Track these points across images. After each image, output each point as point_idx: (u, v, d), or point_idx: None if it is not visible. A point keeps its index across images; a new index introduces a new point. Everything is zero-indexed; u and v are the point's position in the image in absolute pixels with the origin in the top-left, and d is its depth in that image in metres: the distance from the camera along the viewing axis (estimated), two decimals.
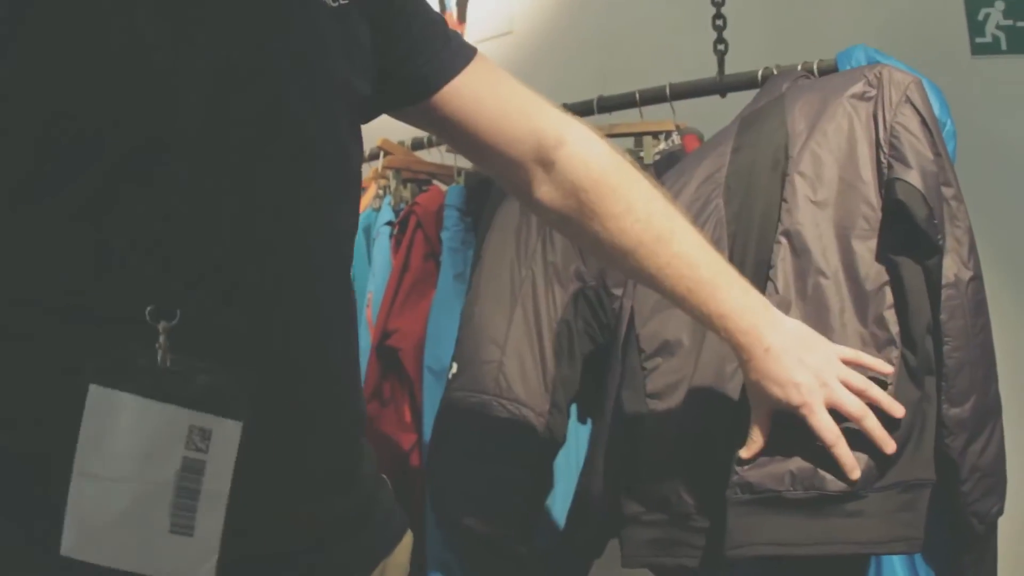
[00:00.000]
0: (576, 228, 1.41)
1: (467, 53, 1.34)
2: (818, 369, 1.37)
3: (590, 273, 2.10)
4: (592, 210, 1.36)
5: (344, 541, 1.17)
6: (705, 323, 1.41)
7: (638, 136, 2.22)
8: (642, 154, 2.15)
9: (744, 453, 1.44)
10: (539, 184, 1.38)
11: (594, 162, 1.37)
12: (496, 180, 1.63)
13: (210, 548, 0.99)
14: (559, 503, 2.16)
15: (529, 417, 2.02)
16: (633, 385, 1.73)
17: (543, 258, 2.12)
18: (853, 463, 1.39)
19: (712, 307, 1.38)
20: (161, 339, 0.96)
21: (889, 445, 1.39)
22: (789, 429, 1.43)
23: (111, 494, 0.95)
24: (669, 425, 1.65)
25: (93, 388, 0.93)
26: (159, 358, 0.96)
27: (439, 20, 1.35)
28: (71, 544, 0.94)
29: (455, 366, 2.14)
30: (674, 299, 1.41)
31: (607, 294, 2.07)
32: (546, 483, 2.10)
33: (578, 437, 2.23)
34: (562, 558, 2.00)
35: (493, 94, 1.34)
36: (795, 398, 1.36)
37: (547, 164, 1.36)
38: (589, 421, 2.16)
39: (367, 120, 1.25)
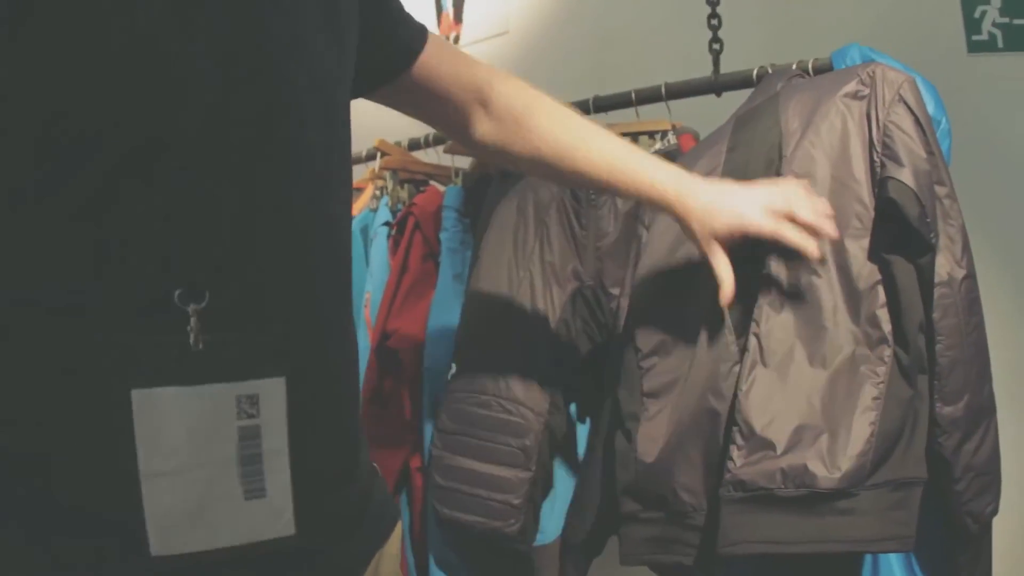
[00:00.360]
0: (517, 150, 1.59)
1: (419, 23, 1.50)
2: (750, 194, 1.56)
3: (587, 273, 2.12)
4: (528, 127, 1.57)
5: (351, 534, 1.19)
6: (644, 195, 1.58)
7: (634, 136, 2.22)
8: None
9: (725, 299, 1.52)
10: (481, 121, 1.58)
11: (521, 92, 1.59)
12: (441, 128, 1.82)
13: (285, 501, 1.04)
14: (559, 502, 2.17)
15: (528, 417, 2.04)
16: (629, 384, 1.75)
17: (540, 259, 2.13)
18: (811, 246, 1.51)
19: (647, 177, 1.56)
20: (192, 321, 0.97)
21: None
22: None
23: (182, 486, 0.97)
24: (665, 424, 1.66)
25: (135, 393, 0.94)
26: (192, 341, 0.97)
27: None
28: (160, 544, 0.96)
29: (454, 367, 2.15)
30: (611, 184, 1.58)
31: (604, 293, 2.08)
32: (546, 482, 2.12)
33: (578, 437, 2.23)
34: (563, 556, 2.00)
35: (446, 53, 1.54)
36: (748, 217, 1.53)
37: (486, 103, 1.57)
38: (588, 420, 2.17)
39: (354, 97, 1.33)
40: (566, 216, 2.15)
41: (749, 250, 1.57)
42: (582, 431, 2.21)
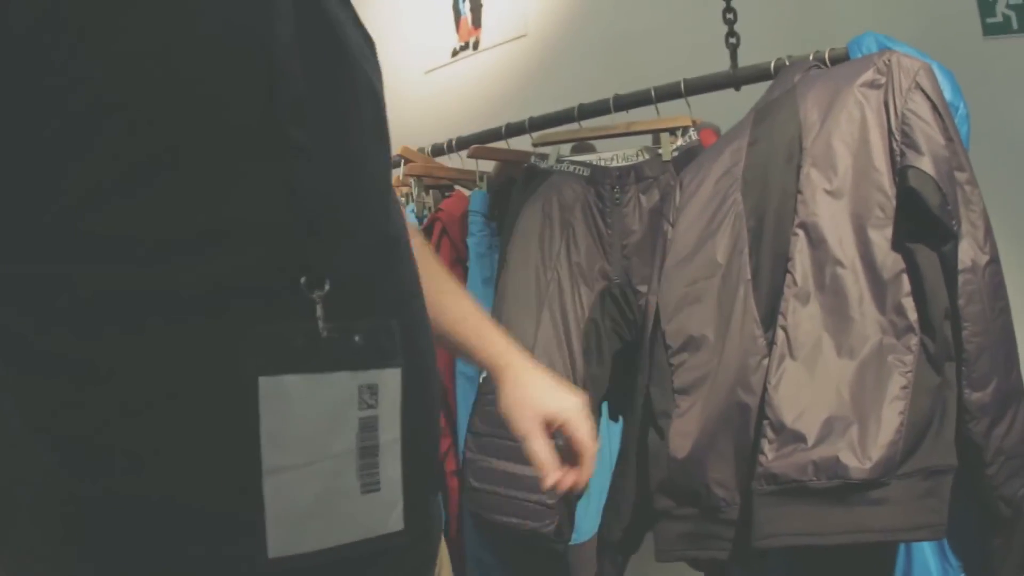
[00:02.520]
0: None
1: None
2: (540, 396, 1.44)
3: (615, 271, 2.14)
4: None
5: (437, 530, 1.19)
6: (476, 356, 1.48)
7: (655, 133, 2.24)
8: (660, 151, 2.17)
9: (547, 484, 1.38)
10: None
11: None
12: None
13: (396, 495, 1.01)
14: (594, 501, 2.18)
15: None
16: (661, 381, 1.77)
17: (568, 260, 2.15)
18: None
19: (484, 342, 1.47)
20: (319, 308, 0.95)
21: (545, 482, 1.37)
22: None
23: (303, 481, 0.93)
24: (696, 419, 1.67)
25: (262, 381, 0.90)
26: (320, 328, 0.94)
27: None
28: (279, 544, 0.91)
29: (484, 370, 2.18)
30: (449, 340, 1.46)
31: (632, 291, 2.10)
32: None
33: (610, 435, 2.24)
34: (600, 553, 2.02)
35: None
36: (566, 406, 1.41)
37: None
38: (621, 419, 2.18)
39: None
40: (591, 216, 2.17)
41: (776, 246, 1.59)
42: (616, 429, 2.22)
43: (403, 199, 2.71)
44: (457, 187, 2.77)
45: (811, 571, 1.68)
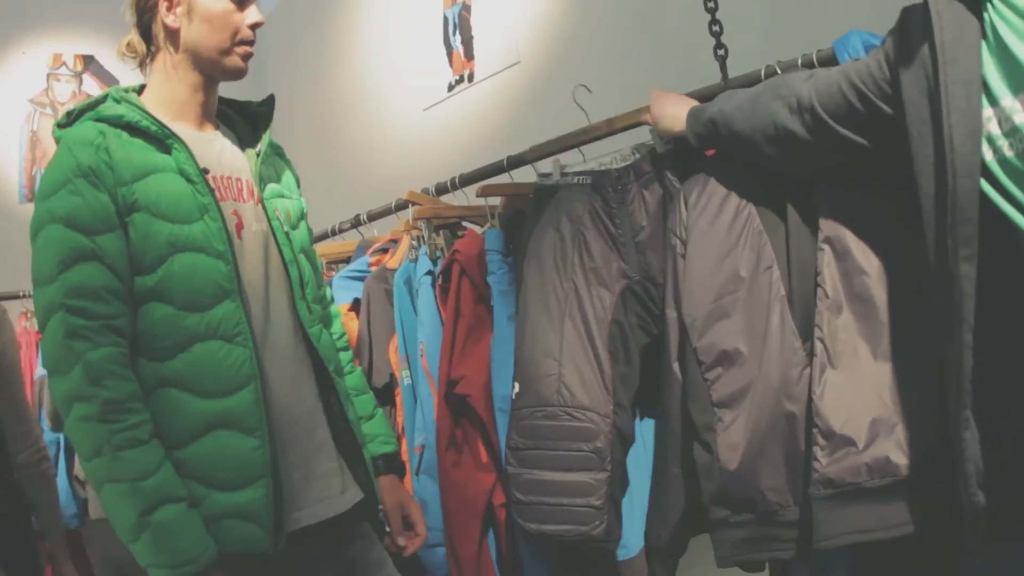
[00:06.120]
0: None
1: None
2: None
3: (632, 268, 2.18)
4: None
5: None
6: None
7: (637, 126, 2.26)
8: (653, 145, 2.19)
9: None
10: None
11: None
12: None
13: None
14: (638, 513, 2.19)
15: (596, 420, 2.12)
16: (698, 397, 1.82)
17: (582, 267, 2.19)
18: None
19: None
20: None
21: None
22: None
23: None
24: (742, 431, 1.73)
25: None
26: None
27: None
28: None
29: (517, 386, 2.23)
30: None
31: (654, 285, 2.13)
32: (623, 479, 2.18)
33: (643, 434, 2.26)
34: (650, 558, 2.08)
35: None
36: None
37: None
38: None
39: None
40: (600, 220, 2.21)
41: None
42: (647, 426, 2.25)
43: (415, 242, 2.73)
44: (466, 224, 2.80)
45: (872, 558, 1.71)
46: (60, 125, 1.80)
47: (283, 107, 5.33)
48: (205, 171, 1.77)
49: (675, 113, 2.02)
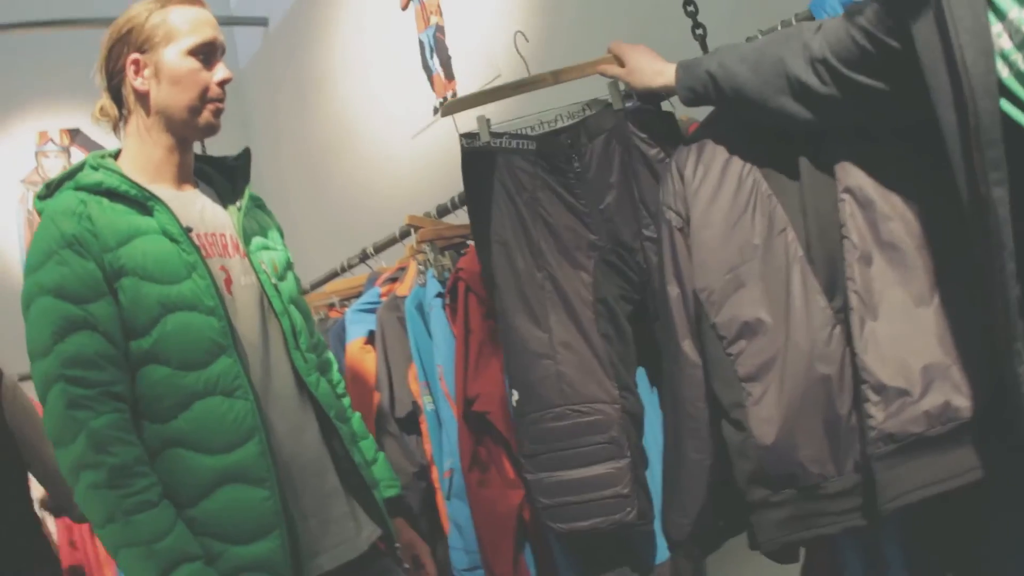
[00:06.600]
0: None
1: None
2: None
3: (601, 238, 2.10)
4: None
5: None
6: None
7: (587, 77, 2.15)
8: (610, 101, 2.12)
9: None
10: None
11: None
12: None
13: None
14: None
15: (605, 410, 2.07)
16: (722, 374, 1.74)
17: (551, 251, 2.12)
18: None
19: None
20: None
21: None
22: None
23: None
24: (775, 403, 1.66)
25: None
26: None
27: None
28: None
29: (516, 393, 2.16)
30: None
31: (626, 250, 2.07)
32: (643, 459, 2.13)
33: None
34: (672, 551, 2.03)
35: None
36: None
37: None
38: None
39: None
40: (557, 194, 2.13)
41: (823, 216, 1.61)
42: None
43: (422, 267, 2.72)
44: (470, 241, 2.77)
45: (929, 523, 1.65)
46: (41, 197, 1.81)
47: (271, 154, 5.37)
48: (188, 229, 1.78)
49: (657, 67, 1.92)
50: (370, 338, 2.82)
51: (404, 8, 4.04)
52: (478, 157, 2.22)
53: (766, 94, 1.68)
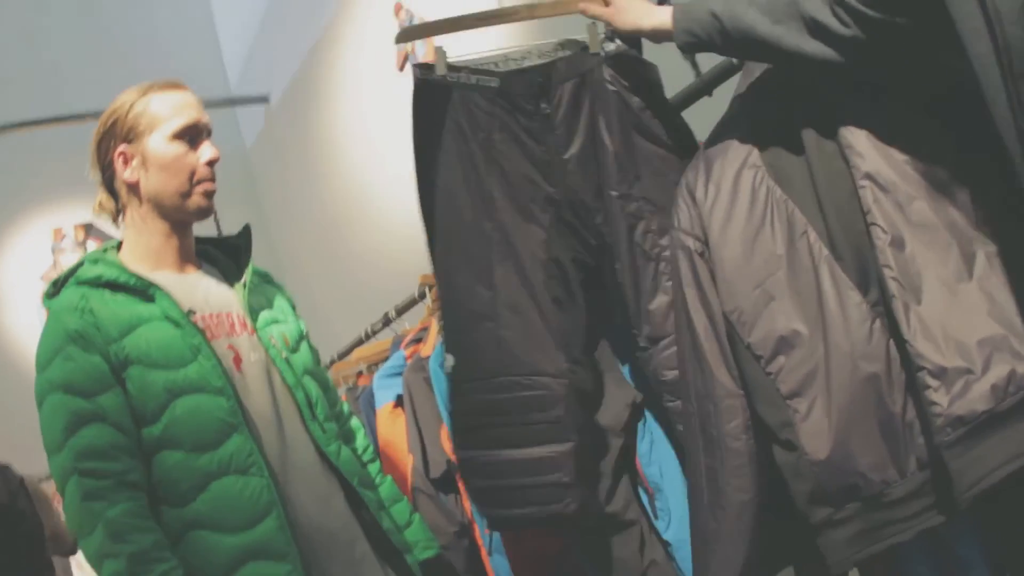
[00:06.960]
0: None
1: None
2: None
3: (559, 192, 1.92)
4: None
5: None
6: None
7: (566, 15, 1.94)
8: (587, 43, 1.92)
9: None
10: None
11: None
12: None
13: None
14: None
15: (550, 384, 1.90)
16: (766, 396, 1.66)
17: (505, 200, 1.94)
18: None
19: None
20: None
21: None
22: None
23: None
24: (824, 415, 1.58)
25: None
26: None
27: None
28: None
29: (450, 358, 2.00)
30: None
31: (585, 210, 1.91)
32: (594, 448, 1.94)
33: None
34: None
35: None
36: None
37: None
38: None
39: None
40: (516, 141, 1.95)
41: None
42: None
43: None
44: None
45: (1003, 516, 1.58)
46: (48, 296, 1.87)
47: (285, 227, 5.42)
48: (191, 312, 1.80)
49: (647, 7, 1.76)
50: (399, 402, 2.78)
51: (400, 69, 4.04)
52: (431, 90, 2.00)
53: (779, 34, 1.55)
